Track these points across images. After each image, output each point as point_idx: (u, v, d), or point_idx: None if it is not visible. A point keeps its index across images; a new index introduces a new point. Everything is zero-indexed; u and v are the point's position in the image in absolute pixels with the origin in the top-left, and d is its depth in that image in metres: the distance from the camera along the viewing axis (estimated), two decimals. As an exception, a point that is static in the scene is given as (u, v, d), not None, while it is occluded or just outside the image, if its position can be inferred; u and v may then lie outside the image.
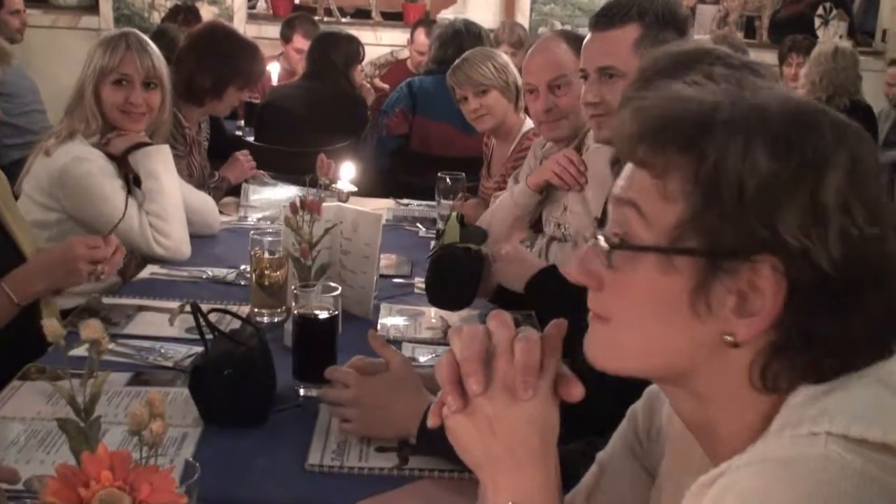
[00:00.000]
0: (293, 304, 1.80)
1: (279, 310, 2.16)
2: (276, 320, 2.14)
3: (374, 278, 2.20)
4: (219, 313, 1.81)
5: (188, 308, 1.70)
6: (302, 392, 1.75)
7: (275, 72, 5.05)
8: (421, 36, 5.68)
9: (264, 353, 1.68)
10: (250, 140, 4.24)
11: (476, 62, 3.25)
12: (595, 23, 2.00)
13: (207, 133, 3.55)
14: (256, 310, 2.15)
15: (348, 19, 6.93)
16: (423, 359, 1.97)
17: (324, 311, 1.78)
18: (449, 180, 3.01)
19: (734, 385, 0.85)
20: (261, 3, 7.04)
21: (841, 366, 0.82)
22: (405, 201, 3.61)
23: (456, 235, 2.14)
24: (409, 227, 3.21)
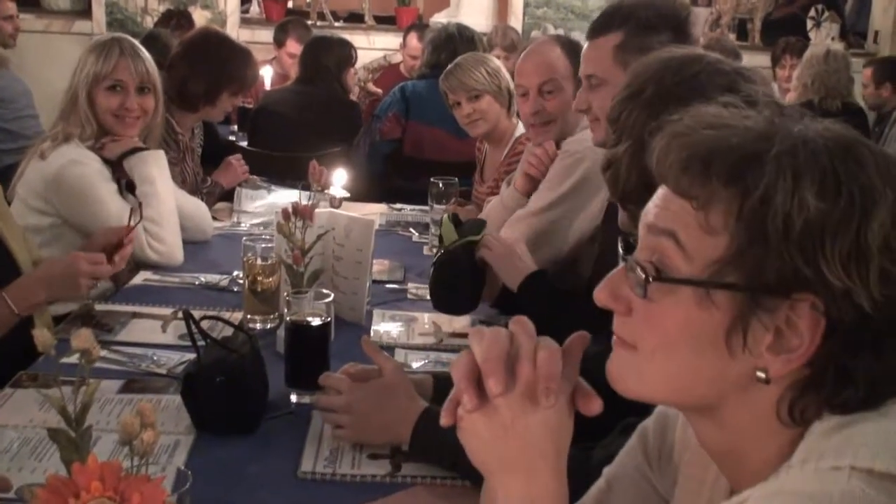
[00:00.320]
0: (286, 310, 1.80)
1: (272, 316, 2.15)
2: (268, 327, 2.13)
3: (367, 284, 2.20)
4: (211, 320, 1.81)
5: (181, 315, 1.70)
6: (294, 399, 1.75)
7: (268, 76, 5.04)
8: (413, 40, 5.69)
9: (257, 360, 1.68)
10: (244, 145, 4.24)
11: (468, 67, 3.26)
12: (587, 32, 2.02)
13: (201, 139, 3.54)
14: (249, 316, 2.15)
15: (341, 23, 6.93)
16: (416, 365, 1.97)
17: (316, 318, 1.78)
18: (442, 185, 3.00)
19: (761, 418, 0.84)
20: (254, 8, 7.03)
21: (867, 399, 0.81)
22: (398, 206, 3.60)
23: (453, 234, 2.13)
24: (403, 232, 3.20)
